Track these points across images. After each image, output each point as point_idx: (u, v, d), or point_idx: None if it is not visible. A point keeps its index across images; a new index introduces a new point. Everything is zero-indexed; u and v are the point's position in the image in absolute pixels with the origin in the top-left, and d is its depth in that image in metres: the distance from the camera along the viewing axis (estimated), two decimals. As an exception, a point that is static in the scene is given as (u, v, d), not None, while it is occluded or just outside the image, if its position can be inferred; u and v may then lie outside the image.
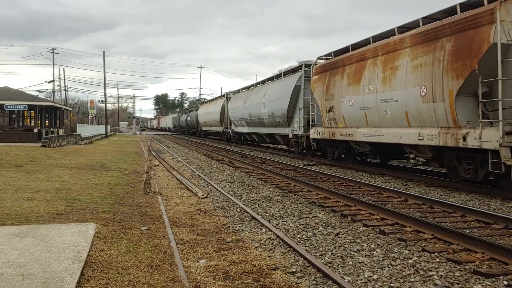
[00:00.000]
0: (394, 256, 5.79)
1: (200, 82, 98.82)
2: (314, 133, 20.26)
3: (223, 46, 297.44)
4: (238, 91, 39.45)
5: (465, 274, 5.12)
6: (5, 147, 23.42)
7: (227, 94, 42.39)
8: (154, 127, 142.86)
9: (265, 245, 6.30)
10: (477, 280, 4.94)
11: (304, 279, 4.93)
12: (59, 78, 64.63)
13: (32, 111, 36.16)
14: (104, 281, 4.60)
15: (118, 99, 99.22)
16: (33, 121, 36.91)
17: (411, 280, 4.93)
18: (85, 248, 5.55)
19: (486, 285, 4.79)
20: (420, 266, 5.41)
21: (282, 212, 8.64)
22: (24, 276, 4.48)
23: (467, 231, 7.00)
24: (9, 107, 32.90)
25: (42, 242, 5.78)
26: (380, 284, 4.81)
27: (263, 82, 31.94)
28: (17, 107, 33.10)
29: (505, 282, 4.84)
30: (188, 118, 66.42)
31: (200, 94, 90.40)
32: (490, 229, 7.29)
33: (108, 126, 63.24)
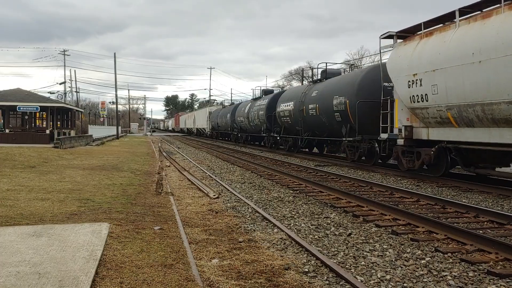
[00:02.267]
0: (407, 257, 5.77)
1: (210, 83, 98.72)
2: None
3: (230, 47, 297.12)
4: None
5: (479, 275, 5.09)
6: (18, 148, 23.69)
7: None
8: (170, 128, 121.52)
9: (277, 245, 6.32)
10: (491, 280, 4.91)
11: (316, 279, 4.94)
12: (70, 80, 65.19)
13: (44, 113, 36.47)
14: (119, 280, 4.64)
15: (129, 100, 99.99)
16: (45, 122, 37.21)
17: (424, 280, 4.92)
18: (99, 248, 5.60)
19: (500, 285, 4.75)
20: (433, 266, 5.39)
21: (293, 213, 8.65)
22: (40, 275, 4.54)
23: (481, 231, 6.95)
24: (21, 108, 33.20)
25: (57, 242, 5.85)
26: (393, 284, 4.80)
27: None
28: (29, 108, 33.37)
29: (520, 283, 4.80)
30: (268, 107, 29.86)
31: (210, 95, 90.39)
32: (504, 230, 7.23)
33: (119, 127, 63.57)
